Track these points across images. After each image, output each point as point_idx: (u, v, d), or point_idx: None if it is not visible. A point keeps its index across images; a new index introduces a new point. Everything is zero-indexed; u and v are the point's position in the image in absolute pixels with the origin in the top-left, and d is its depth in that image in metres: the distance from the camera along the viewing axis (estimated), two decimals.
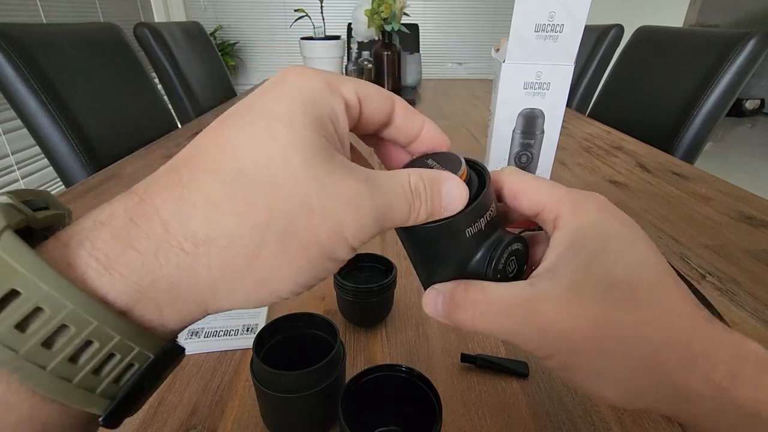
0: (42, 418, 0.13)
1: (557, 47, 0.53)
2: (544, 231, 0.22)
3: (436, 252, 0.20)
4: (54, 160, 0.94)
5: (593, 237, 0.19)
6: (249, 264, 0.15)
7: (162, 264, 0.14)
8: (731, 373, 0.17)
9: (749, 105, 4.47)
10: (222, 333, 0.45)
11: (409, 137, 0.21)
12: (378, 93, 0.20)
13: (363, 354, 0.43)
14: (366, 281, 0.46)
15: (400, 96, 0.21)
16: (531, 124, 0.58)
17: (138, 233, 0.14)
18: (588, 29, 1.60)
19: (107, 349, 0.14)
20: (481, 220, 0.20)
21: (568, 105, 1.42)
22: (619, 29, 1.61)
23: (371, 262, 0.49)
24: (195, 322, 0.16)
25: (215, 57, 1.74)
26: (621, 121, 1.33)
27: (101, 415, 0.14)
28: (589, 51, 1.65)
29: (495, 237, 0.20)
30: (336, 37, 1.59)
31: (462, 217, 0.19)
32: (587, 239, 0.19)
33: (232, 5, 3.32)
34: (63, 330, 0.13)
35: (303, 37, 1.57)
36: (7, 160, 1.71)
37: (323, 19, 1.61)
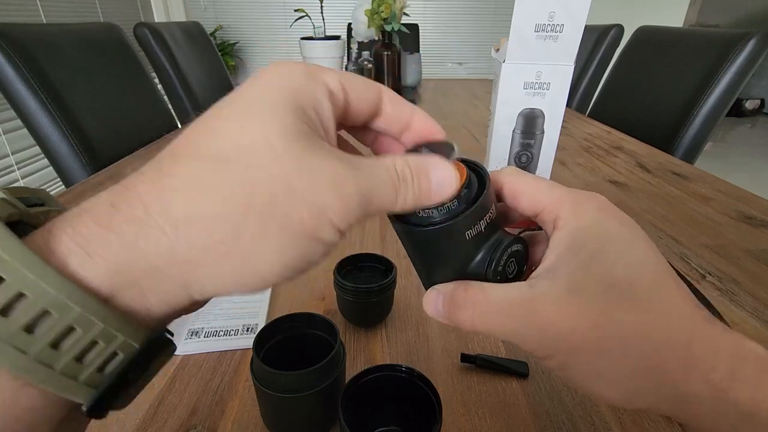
0: (23, 402, 0.13)
1: (557, 47, 0.53)
2: (543, 231, 0.22)
3: (436, 253, 0.20)
4: (54, 160, 0.94)
5: (593, 237, 0.19)
6: (231, 245, 0.15)
7: (142, 247, 0.14)
8: (731, 374, 0.17)
9: (749, 105, 4.47)
10: (222, 333, 0.45)
11: (400, 127, 0.21)
12: (363, 82, 0.20)
13: (363, 354, 0.43)
14: (366, 281, 0.46)
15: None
16: (531, 124, 0.58)
17: (119, 218, 0.14)
18: (588, 29, 1.60)
19: (90, 336, 0.14)
20: (481, 222, 0.20)
21: (568, 105, 1.42)
22: (619, 29, 1.61)
23: (371, 262, 0.49)
24: (183, 310, 0.16)
25: (215, 57, 1.74)
26: (621, 121, 1.33)
27: (84, 405, 0.14)
28: (589, 51, 1.65)
29: (495, 238, 0.21)
30: (336, 37, 1.58)
31: (462, 220, 0.19)
32: (587, 239, 0.19)
33: (232, 5, 3.32)
34: (45, 316, 0.13)
35: (303, 37, 1.57)
36: (7, 160, 1.71)
37: (323, 19, 1.60)
